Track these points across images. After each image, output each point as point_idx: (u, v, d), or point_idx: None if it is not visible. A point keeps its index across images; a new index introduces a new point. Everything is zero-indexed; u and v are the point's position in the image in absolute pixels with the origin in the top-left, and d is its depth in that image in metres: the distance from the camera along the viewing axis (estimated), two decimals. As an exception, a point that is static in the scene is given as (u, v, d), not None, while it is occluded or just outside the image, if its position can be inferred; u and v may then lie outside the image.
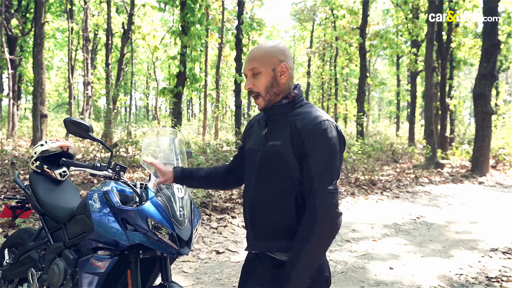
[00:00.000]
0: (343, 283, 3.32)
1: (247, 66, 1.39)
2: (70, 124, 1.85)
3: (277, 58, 1.37)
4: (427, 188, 8.16)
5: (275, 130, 1.39)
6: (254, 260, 1.49)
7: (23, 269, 2.31)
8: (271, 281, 1.39)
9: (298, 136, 1.30)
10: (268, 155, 1.37)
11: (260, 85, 1.38)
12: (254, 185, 1.42)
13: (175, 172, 1.65)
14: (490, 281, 3.34)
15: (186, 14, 11.49)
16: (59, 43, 27.90)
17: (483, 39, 10.07)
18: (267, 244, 1.40)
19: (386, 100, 40.06)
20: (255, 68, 1.37)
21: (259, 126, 1.49)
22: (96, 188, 2.01)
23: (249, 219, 1.45)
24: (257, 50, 1.40)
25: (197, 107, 36.67)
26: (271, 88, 1.38)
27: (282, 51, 1.39)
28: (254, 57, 1.38)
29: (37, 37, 9.90)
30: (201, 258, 3.81)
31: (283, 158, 1.33)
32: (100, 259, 1.80)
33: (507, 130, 15.91)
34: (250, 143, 1.51)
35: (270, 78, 1.37)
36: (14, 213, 2.68)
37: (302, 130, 1.30)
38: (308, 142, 1.28)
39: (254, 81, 1.39)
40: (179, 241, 1.78)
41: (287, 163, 1.32)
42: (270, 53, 1.37)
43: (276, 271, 1.37)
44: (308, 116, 1.33)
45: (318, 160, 1.28)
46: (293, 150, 1.31)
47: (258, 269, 1.47)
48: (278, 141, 1.35)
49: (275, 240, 1.38)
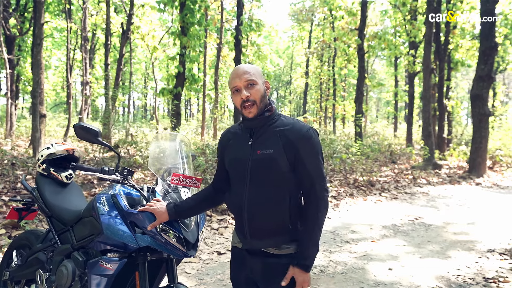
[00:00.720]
0: (343, 284, 3.37)
1: (243, 79, 1.56)
2: (79, 129, 1.90)
3: (263, 76, 1.64)
4: (425, 189, 8.23)
5: (261, 140, 1.58)
6: (244, 254, 1.65)
7: (31, 271, 2.34)
8: (263, 271, 1.59)
9: (292, 144, 1.53)
10: (260, 163, 1.55)
11: (256, 94, 1.57)
12: (249, 190, 1.58)
13: (168, 210, 1.74)
14: (487, 282, 3.40)
15: (185, 15, 11.52)
16: (56, 43, 27.83)
17: (480, 41, 10.16)
18: (263, 242, 1.59)
19: (384, 100, 40.20)
20: (252, 80, 1.56)
21: (239, 138, 1.66)
22: (104, 192, 2.05)
23: (247, 221, 1.59)
24: (248, 67, 1.61)
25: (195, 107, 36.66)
26: (263, 98, 1.59)
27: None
28: (248, 71, 1.58)
29: (36, 37, 9.90)
30: (203, 259, 3.86)
31: (276, 164, 1.53)
32: (109, 261, 1.84)
33: (504, 132, 16.03)
34: (232, 154, 1.67)
35: (262, 90, 1.59)
36: (20, 215, 2.71)
37: (294, 140, 1.53)
38: (302, 148, 1.53)
39: (250, 91, 1.56)
40: (186, 244, 1.83)
41: (281, 168, 1.53)
42: (259, 71, 1.63)
43: (267, 261, 1.58)
44: (295, 126, 1.57)
45: (312, 162, 1.55)
46: (287, 157, 1.52)
47: (248, 262, 1.64)
48: (269, 149, 1.54)
49: (271, 238, 1.57)
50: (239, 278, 1.71)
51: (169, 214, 1.74)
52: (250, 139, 1.60)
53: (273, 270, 1.58)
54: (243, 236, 1.63)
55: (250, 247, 1.62)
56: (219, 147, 1.77)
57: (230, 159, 1.67)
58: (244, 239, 1.63)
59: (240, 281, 1.71)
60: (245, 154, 1.59)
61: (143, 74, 36.97)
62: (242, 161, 1.59)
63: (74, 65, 23.49)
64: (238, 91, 1.58)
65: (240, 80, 1.56)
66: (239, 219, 1.63)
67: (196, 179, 1.94)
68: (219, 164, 1.79)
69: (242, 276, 1.68)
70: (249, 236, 1.60)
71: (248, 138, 1.61)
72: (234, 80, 1.58)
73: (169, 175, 1.96)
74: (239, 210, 1.62)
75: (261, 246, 1.59)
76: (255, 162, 1.55)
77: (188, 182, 1.92)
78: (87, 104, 19.87)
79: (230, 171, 1.68)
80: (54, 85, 30.78)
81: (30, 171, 7.74)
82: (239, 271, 1.71)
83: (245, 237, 1.62)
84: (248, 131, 1.63)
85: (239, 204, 1.61)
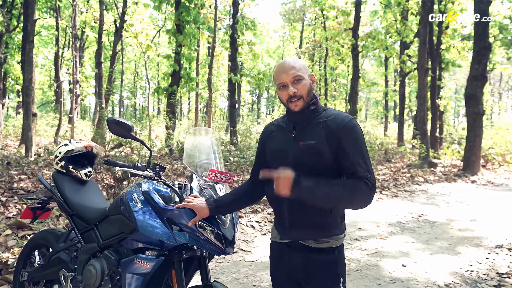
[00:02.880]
0: (359, 281, 3.36)
1: (290, 74, 1.54)
2: (113, 124, 1.83)
3: (308, 70, 1.61)
4: (423, 187, 8.32)
5: (304, 131, 1.56)
6: (283, 249, 1.63)
7: (52, 271, 2.26)
8: (303, 266, 1.56)
9: (334, 135, 1.50)
10: (302, 153, 1.53)
11: (303, 89, 1.56)
12: None
13: (209, 205, 1.70)
14: (501, 277, 3.44)
15: (181, 13, 11.41)
16: (43, 40, 27.27)
17: (474, 42, 10.33)
18: (302, 233, 1.56)
19: (373, 100, 40.62)
20: (299, 75, 1.54)
21: (282, 130, 1.65)
22: (132, 189, 1.99)
23: (287, 213, 1.57)
24: (294, 62, 1.58)
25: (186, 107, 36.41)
26: (310, 92, 1.59)
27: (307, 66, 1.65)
28: (294, 67, 1.55)
29: (29, 34, 9.67)
30: (216, 258, 3.79)
31: (319, 154, 1.50)
32: (146, 259, 1.78)
33: (495, 130, 16.36)
34: (274, 145, 1.65)
35: (309, 85, 1.58)
36: (34, 214, 2.62)
37: (336, 130, 1.51)
38: (345, 138, 1.49)
39: (297, 86, 1.55)
40: (224, 240, 1.78)
41: (323, 158, 1.50)
42: (304, 66, 1.60)
43: (307, 256, 1.55)
44: (337, 117, 1.54)
45: (356, 152, 1.49)
46: (330, 147, 1.49)
47: (287, 256, 1.61)
48: (312, 140, 1.52)
49: (311, 229, 1.54)
50: (279, 273, 1.68)
51: (210, 210, 1.69)
52: (293, 131, 1.60)
53: (313, 265, 1.55)
54: (282, 227, 1.61)
55: (289, 239, 1.60)
56: (261, 140, 1.75)
57: (272, 151, 1.66)
58: (283, 230, 1.61)
59: (280, 276, 1.68)
60: (288, 145, 1.57)
61: (132, 73, 36.54)
62: (284, 152, 1.57)
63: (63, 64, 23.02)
64: (284, 86, 1.56)
65: (287, 75, 1.54)
66: (279, 210, 1.62)
67: (230, 175, 1.90)
68: (259, 157, 1.77)
69: (282, 271, 1.66)
70: (288, 227, 1.58)
71: (292, 130, 1.60)
72: (280, 76, 1.56)
73: (205, 171, 1.91)
74: (279, 201, 1.59)
75: (299, 238, 1.56)
76: (297, 152, 1.54)
77: (223, 178, 1.87)
78: (77, 103, 19.52)
79: (271, 163, 1.65)
80: (41, 84, 30.14)
81: (25, 171, 7.54)
82: (278, 266, 1.68)
83: (284, 228, 1.60)
84: (292, 123, 1.62)
85: (279, 195, 1.57)
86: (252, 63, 19.50)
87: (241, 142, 13.54)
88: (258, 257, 3.89)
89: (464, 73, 33.48)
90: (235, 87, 13.85)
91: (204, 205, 1.69)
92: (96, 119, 15.01)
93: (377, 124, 26.07)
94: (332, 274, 1.55)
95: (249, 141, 14.03)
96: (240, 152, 10.85)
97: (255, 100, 46.19)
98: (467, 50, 15.75)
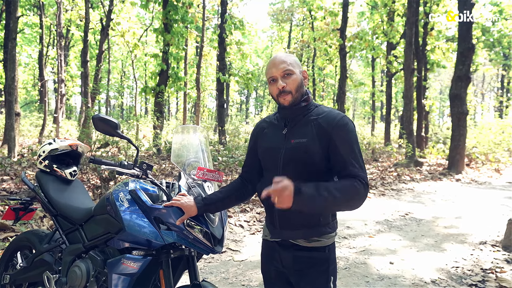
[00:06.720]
0: (348, 279, 3.38)
1: (280, 69, 1.52)
2: (98, 121, 1.79)
3: (300, 65, 1.59)
4: (409, 186, 8.44)
5: (296, 129, 1.54)
6: (274, 247, 1.63)
7: (36, 273, 2.20)
8: (293, 264, 1.55)
9: (325, 133, 1.48)
10: (293, 151, 1.51)
11: (292, 84, 1.53)
12: None
13: (197, 203, 1.67)
14: (485, 273, 3.51)
15: (168, 11, 11.31)
16: (27, 39, 26.70)
17: (458, 43, 10.53)
18: (292, 232, 1.55)
19: (361, 100, 41.05)
20: (289, 69, 1.52)
21: (274, 128, 1.63)
22: (118, 188, 1.95)
23: (277, 211, 1.54)
24: (286, 56, 1.56)
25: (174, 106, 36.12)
26: (300, 88, 1.55)
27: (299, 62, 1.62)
28: (285, 61, 1.53)
29: (11, 32, 9.45)
30: (204, 257, 3.77)
31: (310, 152, 1.47)
32: (133, 259, 1.74)
33: (479, 130, 16.70)
34: (266, 143, 1.63)
35: (299, 80, 1.55)
36: (17, 214, 2.55)
37: (328, 128, 1.48)
38: (337, 136, 1.47)
39: (286, 81, 1.52)
40: (212, 239, 1.76)
41: (314, 157, 1.47)
42: (296, 61, 1.57)
43: (297, 254, 1.54)
44: (329, 115, 1.52)
45: (347, 150, 1.46)
46: (321, 145, 1.47)
47: (278, 254, 1.61)
48: (303, 138, 1.50)
49: (300, 229, 1.53)
50: (270, 271, 1.68)
51: (198, 208, 1.66)
52: (284, 129, 1.58)
53: (303, 264, 1.55)
54: (273, 227, 1.60)
55: (279, 238, 1.59)
56: (252, 136, 1.73)
57: (263, 148, 1.64)
58: (274, 229, 1.60)
59: (271, 274, 1.68)
60: (279, 143, 1.56)
61: (119, 72, 36.07)
62: (276, 149, 1.56)
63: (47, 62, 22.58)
64: (274, 81, 1.54)
65: (277, 69, 1.52)
66: (270, 209, 1.60)
67: (219, 173, 1.88)
68: (250, 154, 1.75)
69: (273, 269, 1.65)
70: (279, 226, 1.57)
71: (283, 128, 1.59)
72: (270, 70, 1.54)
73: (193, 169, 1.88)
74: (270, 201, 1.55)
75: (290, 237, 1.55)
76: (288, 150, 1.52)
77: (212, 176, 1.85)
78: (62, 103, 19.17)
79: (262, 160, 1.65)
80: (24, 83, 29.51)
81: (8, 172, 7.36)
82: (269, 264, 1.67)
83: (275, 227, 1.59)
84: (283, 121, 1.60)
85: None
86: (240, 63, 19.49)
87: (230, 142, 13.49)
88: (247, 256, 3.88)
89: (448, 74, 34.13)
90: (223, 86, 13.80)
91: (192, 204, 1.67)
92: (82, 118, 14.76)
93: (364, 124, 26.36)
94: (323, 273, 1.54)
95: (237, 141, 14.00)
96: (229, 152, 10.80)
97: (244, 100, 46.17)
98: (451, 52, 16.04)
